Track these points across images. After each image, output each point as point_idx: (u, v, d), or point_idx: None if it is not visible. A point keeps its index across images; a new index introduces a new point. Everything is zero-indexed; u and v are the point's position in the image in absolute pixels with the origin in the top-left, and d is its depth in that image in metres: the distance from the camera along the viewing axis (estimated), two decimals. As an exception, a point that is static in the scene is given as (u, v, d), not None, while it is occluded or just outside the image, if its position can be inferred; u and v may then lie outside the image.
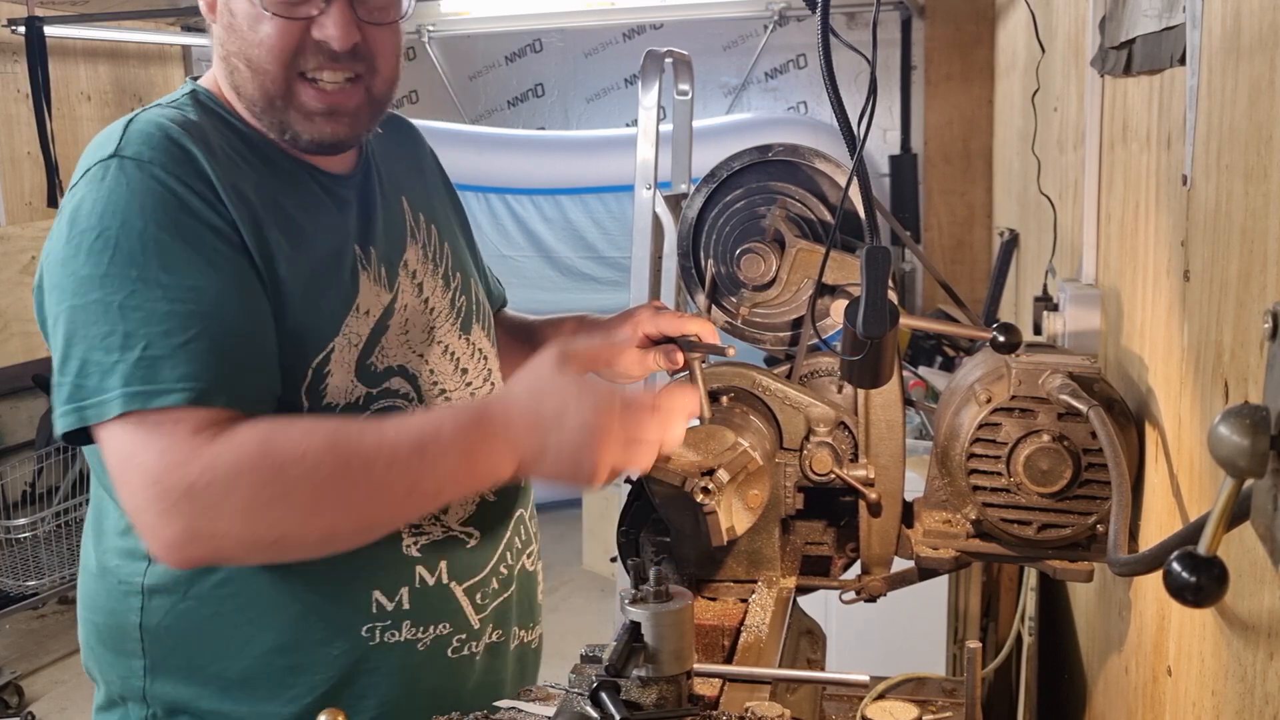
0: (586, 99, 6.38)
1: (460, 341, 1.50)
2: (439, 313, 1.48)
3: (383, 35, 1.35)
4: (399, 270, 1.44)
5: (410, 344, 1.43)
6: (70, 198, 1.26)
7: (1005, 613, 2.91)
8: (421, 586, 1.40)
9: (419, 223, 1.51)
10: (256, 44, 1.30)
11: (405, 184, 1.54)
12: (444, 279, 1.51)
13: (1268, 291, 0.87)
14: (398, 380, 1.40)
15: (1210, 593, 0.73)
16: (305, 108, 1.32)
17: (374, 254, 1.41)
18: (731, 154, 1.52)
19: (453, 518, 1.43)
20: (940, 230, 5.84)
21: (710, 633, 1.31)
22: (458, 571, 1.44)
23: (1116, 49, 1.65)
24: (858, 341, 1.25)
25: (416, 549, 1.40)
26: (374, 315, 1.39)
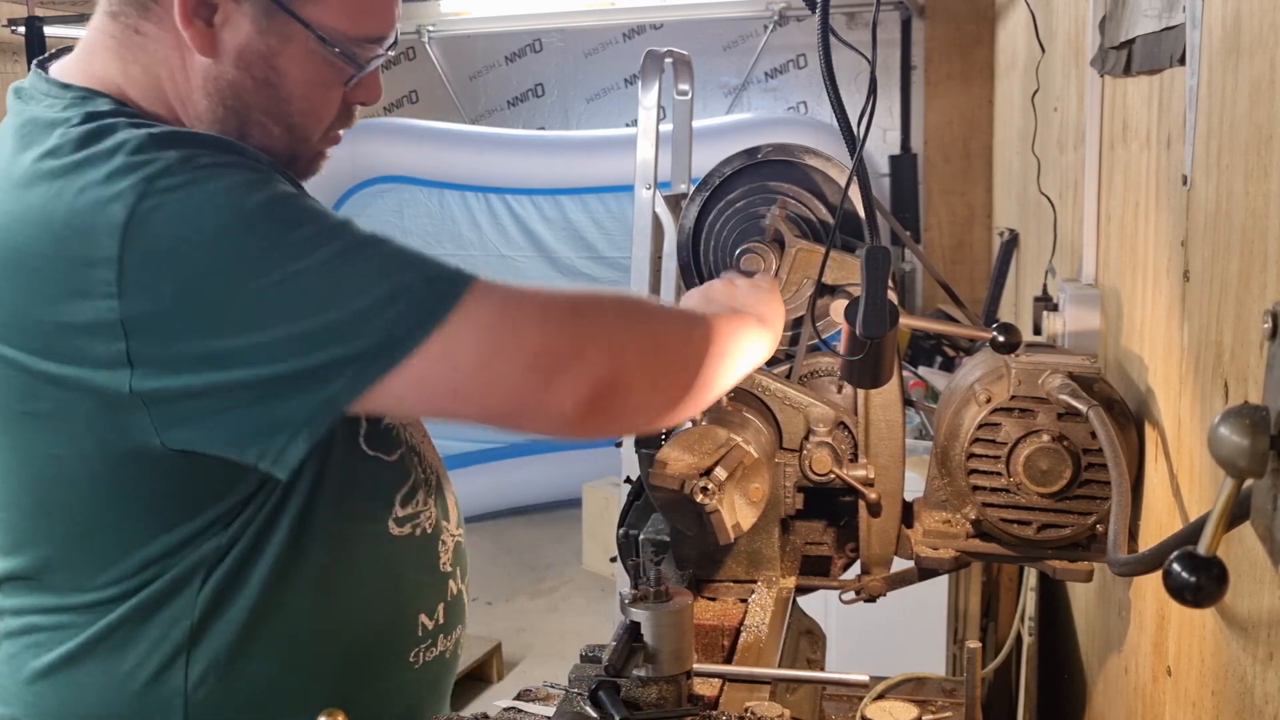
0: (586, 99, 6.39)
1: None
2: None
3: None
4: None
5: None
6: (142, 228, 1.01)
7: (1005, 613, 2.91)
8: (452, 599, 1.38)
9: None
10: (306, 113, 1.19)
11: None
12: None
13: (1268, 291, 0.87)
14: None
15: (1210, 593, 0.73)
16: (314, 154, 1.25)
17: None
18: (722, 159, 1.53)
19: (453, 524, 1.41)
20: (940, 230, 5.84)
21: (710, 633, 1.31)
22: (464, 573, 1.43)
23: (1116, 49, 1.65)
24: (858, 341, 1.25)
25: (448, 564, 1.37)
26: None
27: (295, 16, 1.12)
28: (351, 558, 1.26)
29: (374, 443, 1.25)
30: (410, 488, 1.30)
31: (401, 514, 1.29)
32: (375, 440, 1.25)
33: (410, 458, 1.31)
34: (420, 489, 1.32)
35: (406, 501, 1.30)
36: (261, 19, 1.12)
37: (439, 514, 1.36)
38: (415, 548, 1.32)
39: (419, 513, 1.32)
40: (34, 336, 1.06)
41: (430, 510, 1.34)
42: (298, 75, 1.15)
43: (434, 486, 1.35)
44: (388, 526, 1.28)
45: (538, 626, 4.56)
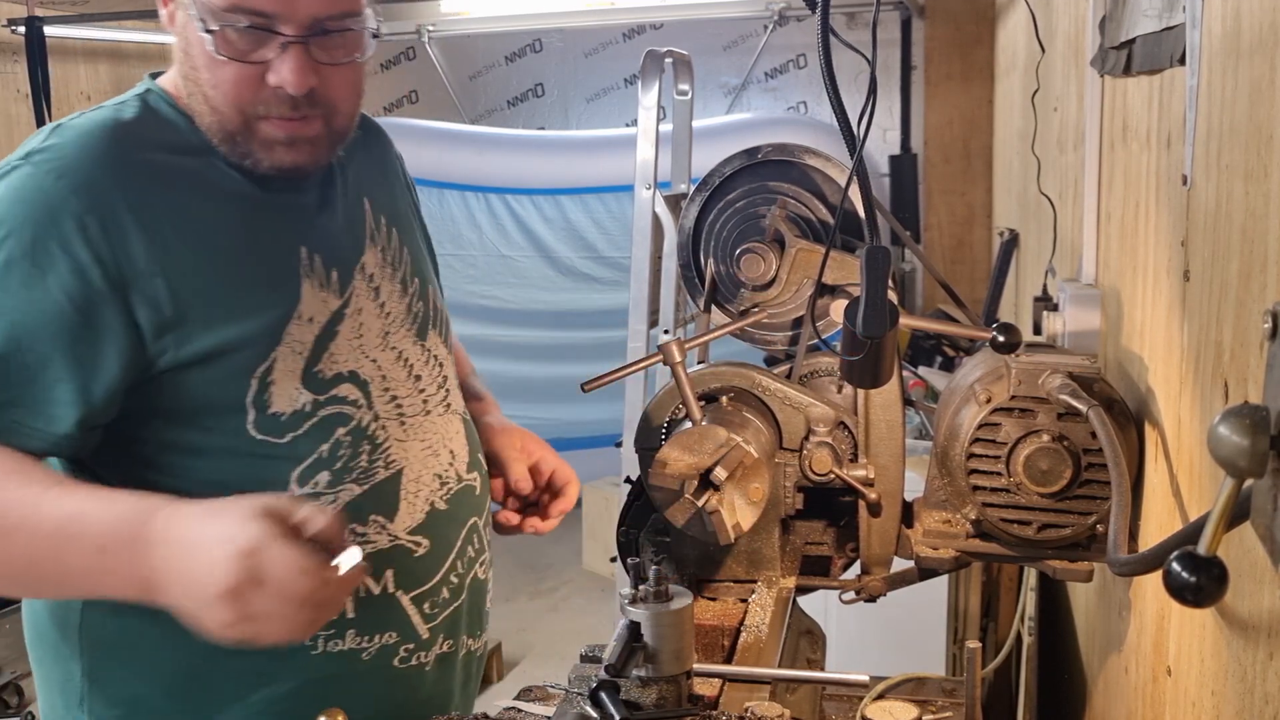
0: (586, 99, 6.38)
1: (415, 347, 1.48)
2: (394, 317, 1.46)
3: (342, 75, 1.33)
4: (354, 274, 1.42)
5: (363, 348, 1.41)
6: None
7: (1005, 613, 2.91)
8: (366, 595, 1.38)
9: (380, 225, 1.49)
10: (213, 85, 1.29)
11: (369, 185, 1.51)
12: (401, 283, 1.49)
13: (1268, 291, 0.87)
14: (347, 386, 1.38)
15: (1210, 593, 0.73)
16: (266, 139, 1.31)
17: (320, 259, 1.39)
18: (722, 159, 1.53)
19: (400, 526, 1.41)
20: (940, 230, 5.84)
21: (710, 633, 1.31)
22: (404, 581, 1.41)
23: (1116, 49, 1.65)
24: (857, 341, 1.25)
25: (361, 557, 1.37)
26: (319, 322, 1.37)
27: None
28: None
29: (262, 428, 1.32)
30: (308, 467, 1.34)
31: (299, 493, 1.34)
32: (263, 427, 1.32)
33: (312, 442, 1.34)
34: (324, 472, 1.34)
35: (304, 481, 1.34)
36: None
37: (367, 507, 1.37)
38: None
39: (319, 494, 1.34)
40: None
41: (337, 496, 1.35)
42: (199, 50, 1.28)
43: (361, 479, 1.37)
44: None
45: (538, 626, 4.56)
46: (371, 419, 1.39)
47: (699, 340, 1.47)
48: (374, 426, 1.39)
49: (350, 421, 1.37)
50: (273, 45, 1.27)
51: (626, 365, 1.47)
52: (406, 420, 1.43)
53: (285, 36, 1.26)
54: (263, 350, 1.31)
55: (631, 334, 3.20)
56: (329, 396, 1.36)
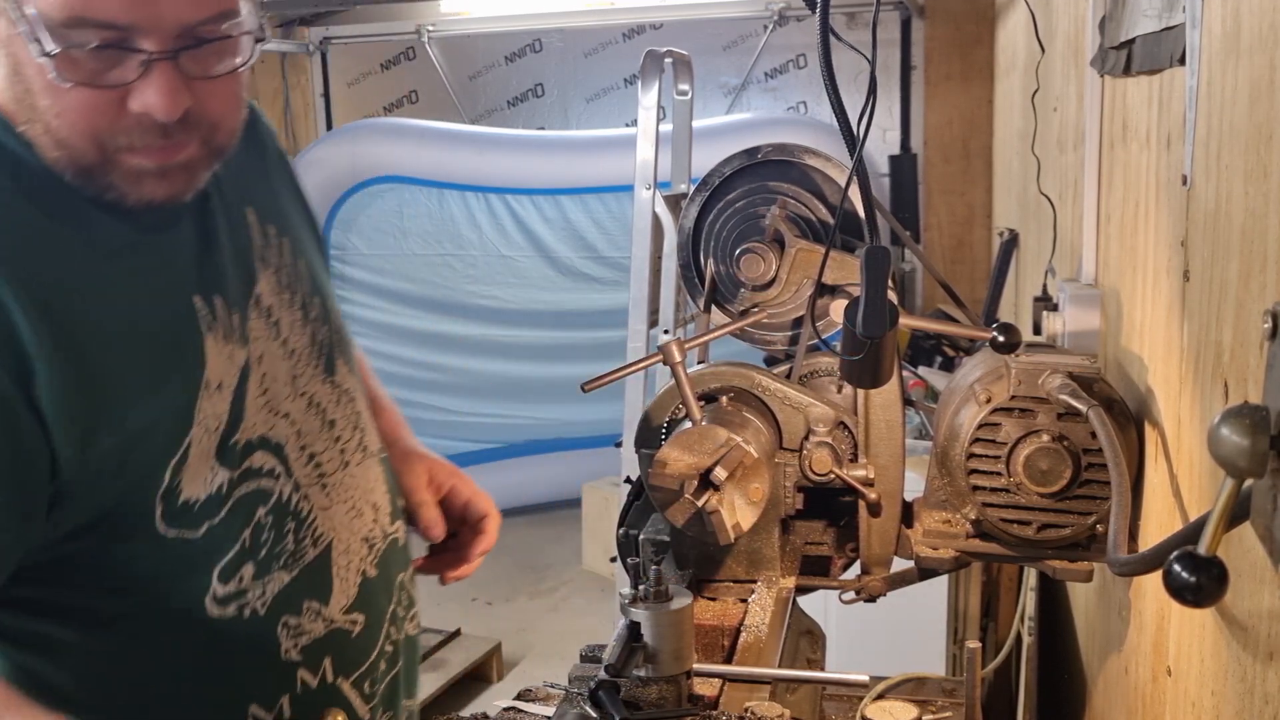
0: (586, 99, 6.38)
1: (325, 386, 1.28)
2: (300, 355, 1.25)
3: (219, 88, 1.09)
4: (250, 312, 1.19)
5: (272, 404, 1.20)
6: None
7: (1005, 613, 2.91)
8: (304, 691, 1.23)
9: (269, 240, 1.26)
10: (56, 115, 1.01)
11: (248, 189, 1.26)
12: (302, 309, 1.27)
13: (1267, 291, 0.87)
14: (261, 455, 1.18)
15: (1210, 593, 0.73)
16: (131, 171, 1.06)
17: (219, 303, 1.16)
18: (722, 159, 1.53)
19: (335, 607, 1.26)
20: (940, 230, 5.84)
21: (710, 633, 1.31)
22: (343, 666, 1.27)
23: (1116, 49, 1.65)
24: (857, 341, 1.25)
25: (297, 652, 1.22)
26: (230, 385, 1.15)
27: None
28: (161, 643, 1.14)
29: (173, 521, 1.11)
30: (231, 561, 1.15)
31: (222, 592, 1.15)
32: (174, 519, 1.11)
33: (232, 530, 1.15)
34: (249, 563, 1.17)
35: (227, 576, 1.15)
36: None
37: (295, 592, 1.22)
38: (242, 630, 1.17)
39: (245, 590, 1.17)
40: None
41: (265, 588, 1.19)
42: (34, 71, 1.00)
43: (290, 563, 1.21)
44: (205, 607, 1.14)
45: (538, 626, 4.56)
46: (292, 489, 1.21)
47: (699, 340, 1.47)
48: (296, 498, 1.21)
49: (270, 498, 1.18)
50: (132, 64, 1.01)
51: (626, 365, 1.47)
52: (328, 480, 1.26)
53: (148, 53, 1.01)
54: (175, 438, 1.10)
55: (631, 334, 3.21)
56: (244, 471, 1.16)
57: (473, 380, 5.54)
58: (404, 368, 5.44)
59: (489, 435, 5.56)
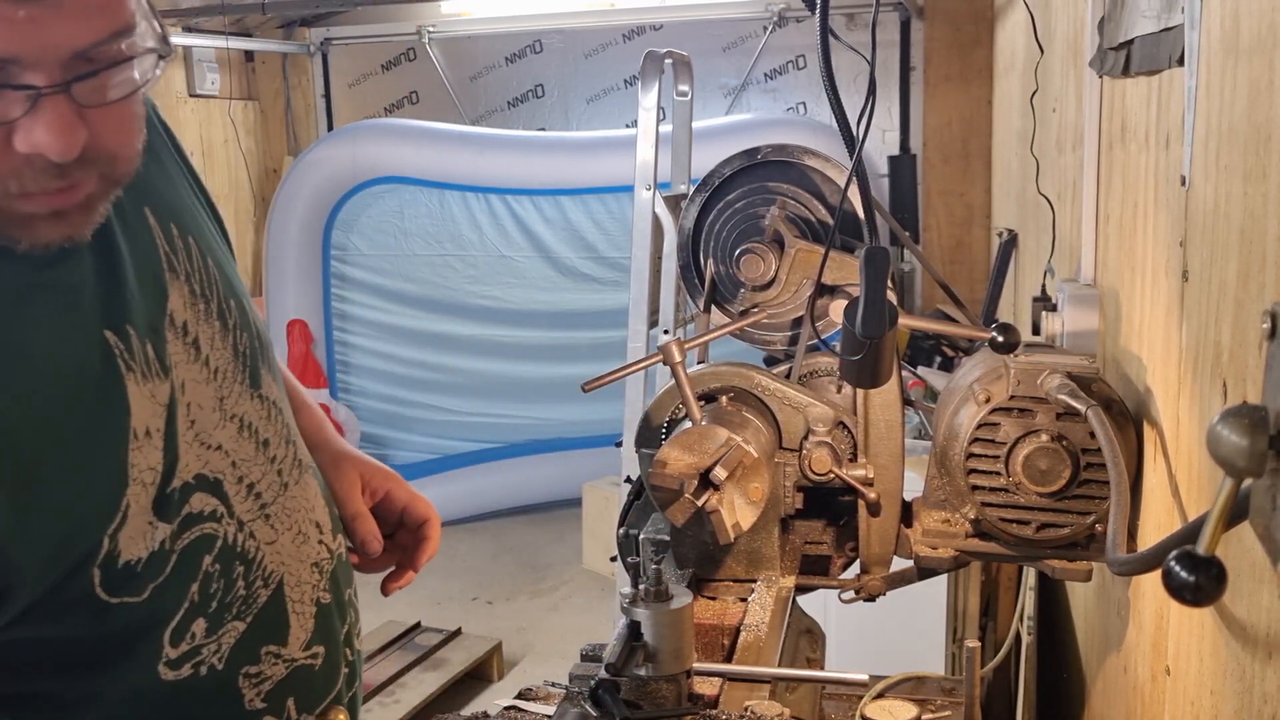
0: (586, 100, 6.39)
1: (253, 404, 1.17)
2: (224, 374, 1.14)
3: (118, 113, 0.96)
4: (166, 334, 1.07)
5: (201, 438, 1.09)
6: None
7: (1004, 612, 2.91)
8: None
9: (174, 244, 1.12)
10: None
11: (145, 186, 1.10)
12: (220, 318, 1.15)
13: (1266, 291, 0.87)
14: (199, 497, 1.08)
15: (1209, 592, 0.73)
16: (22, 217, 0.93)
17: (133, 335, 1.03)
18: (722, 160, 1.53)
19: (295, 646, 1.19)
20: (939, 231, 5.85)
21: (710, 632, 1.31)
22: (307, 701, 1.20)
23: (1115, 50, 1.65)
24: (857, 341, 1.25)
25: (260, 699, 1.15)
26: (158, 428, 1.04)
27: None
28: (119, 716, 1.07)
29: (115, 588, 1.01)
30: (181, 621, 1.07)
31: (174, 654, 1.07)
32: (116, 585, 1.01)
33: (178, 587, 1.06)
34: (199, 618, 1.08)
35: (178, 639, 1.07)
36: None
37: (252, 640, 1.14)
38: (201, 689, 1.10)
39: (200, 647, 1.09)
40: None
41: (220, 642, 1.11)
42: None
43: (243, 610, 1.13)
44: (158, 673, 1.07)
45: (538, 626, 4.56)
46: (236, 529, 1.12)
47: (699, 340, 1.48)
48: (241, 538, 1.12)
49: (215, 543, 1.09)
50: (16, 100, 0.87)
51: (626, 365, 1.48)
52: (270, 509, 1.17)
53: (35, 88, 0.87)
54: (112, 500, 0.99)
55: (631, 334, 3.21)
56: (183, 518, 1.05)
57: (473, 380, 5.54)
58: (404, 368, 5.45)
59: (489, 435, 5.57)
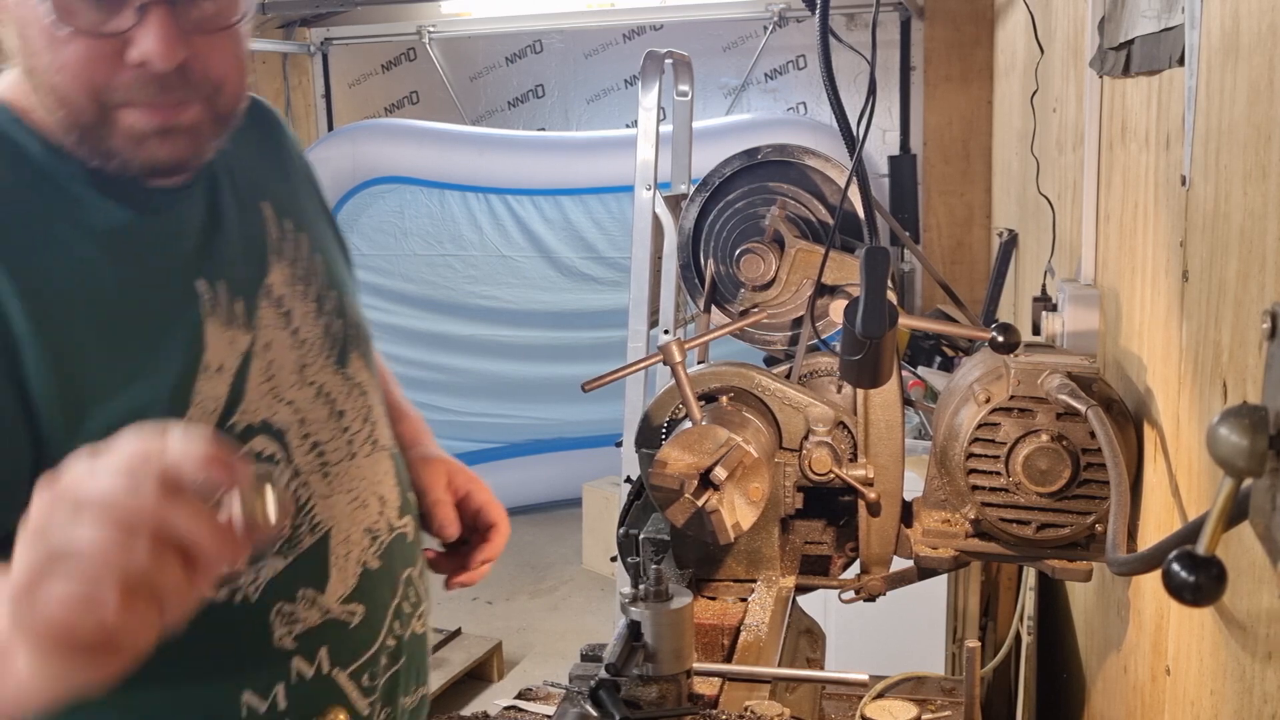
0: (587, 100, 6.39)
1: (336, 378, 1.27)
2: (310, 345, 1.24)
3: (219, 45, 1.08)
4: (259, 301, 1.19)
5: (276, 390, 1.19)
6: None
7: (1004, 612, 2.91)
8: (299, 681, 1.21)
9: (285, 233, 1.26)
10: (57, 68, 1.02)
11: (265, 183, 1.27)
12: (316, 301, 1.27)
13: (1266, 291, 0.87)
14: (261, 440, 1.16)
15: (1209, 592, 0.73)
16: (132, 132, 1.05)
17: (222, 289, 1.16)
18: (722, 160, 1.53)
19: (331, 597, 1.24)
20: (939, 231, 5.85)
21: (710, 632, 1.32)
22: (341, 656, 1.25)
23: (1115, 50, 1.65)
24: (857, 341, 1.25)
25: (291, 639, 1.20)
26: (230, 368, 1.14)
27: None
28: None
29: None
30: None
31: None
32: None
33: None
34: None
35: None
36: None
37: (294, 580, 1.20)
38: (235, 616, 1.16)
39: (236, 574, 1.14)
40: None
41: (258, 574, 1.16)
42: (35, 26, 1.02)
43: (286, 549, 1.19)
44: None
45: (538, 626, 4.56)
46: (291, 476, 1.19)
47: (699, 340, 1.48)
48: (294, 485, 1.20)
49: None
50: (127, 12, 1.00)
51: (626, 365, 1.48)
52: (330, 470, 1.24)
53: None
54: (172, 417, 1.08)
55: (631, 334, 3.21)
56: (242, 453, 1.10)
57: (473, 380, 5.54)
58: (404, 368, 5.45)
59: (489, 435, 5.57)
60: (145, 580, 0.73)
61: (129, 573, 0.73)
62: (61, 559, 0.73)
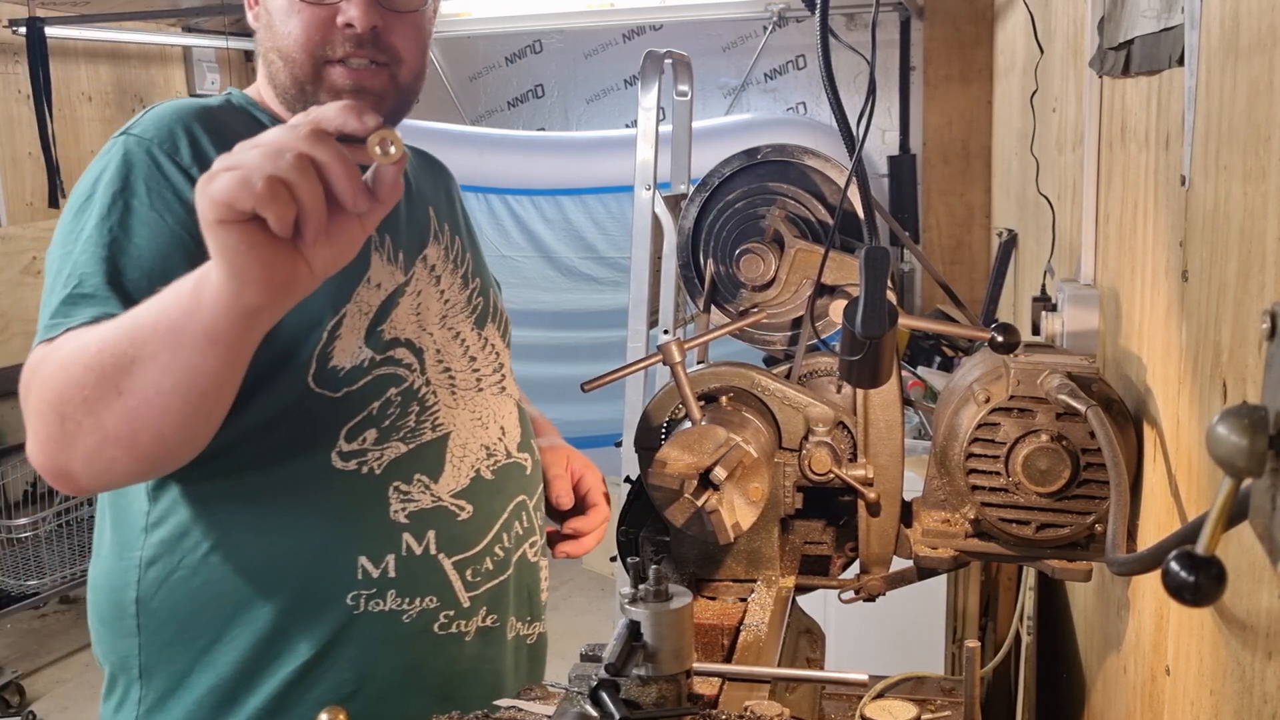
0: (586, 100, 6.39)
1: (473, 333, 1.54)
2: (454, 305, 1.52)
3: (405, 25, 1.40)
4: (416, 262, 1.49)
5: (421, 322, 1.47)
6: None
7: (1004, 612, 2.91)
8: (408, 555, 1.41)
9: (443, 230, 1.57)
10: (287, 35, 1.37)
11: (434, 200, 1.59)
12: (463, 279, 1.56)
13: (1266, 291, 0.87)
14: (403, 350, 1.43)
15: (1208, 592, 0.73)
16: (334, 87, 1.38)
17: (389, 241, 1.45)
18: (721, 160, 1.53)
19: (443, 488, 1.45)
20: (939, 231, 5.85)
21: (709, 632, 1.31)
22: (447, 544, 1.44)
23: (1115, 50, 1.65)
24: (857, 341, 1.25)
25: (404, 515, 1.41)
26: (385, 289, 1.43)
27: None
28: (287, 483, 1.36)
29: (320, 381, 1.35)
30: (358, 424, 1.38)
31: (346, 448, 1.37)
32: (322, 379, 1.35)
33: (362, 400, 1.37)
34: (372, 429, 1.39)
35: (353, 437, 1.38)
36: None
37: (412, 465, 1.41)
38: (359, 485, 1.38)
39: (365, 450, 1.39)
40: None
41: (383, 453, 1.40)
42: (277, 6, 1.38)
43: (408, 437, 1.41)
44: (330, 459, 1.37)
45: (537, 626, 4.55)
46: (423, 384, 1.44)
47: (699, 340, 1.48)
48: (425, 391, 1.44)
49: (403, 383, 1.41)
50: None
51: (626, 365, 1.48)
52: (458, 391, 1.48)
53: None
54: (335, 305, 1.36)
55: (631, 334, 3.21)
56: (385, 357, 1.40)
57: (473, 380, 5.53)
58: (404, 368, 5.44)
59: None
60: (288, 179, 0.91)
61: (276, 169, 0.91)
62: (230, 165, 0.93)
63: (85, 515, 4.56)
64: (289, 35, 1.37)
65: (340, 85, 1.38)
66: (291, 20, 1.37)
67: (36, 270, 5.23)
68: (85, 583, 1.47)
